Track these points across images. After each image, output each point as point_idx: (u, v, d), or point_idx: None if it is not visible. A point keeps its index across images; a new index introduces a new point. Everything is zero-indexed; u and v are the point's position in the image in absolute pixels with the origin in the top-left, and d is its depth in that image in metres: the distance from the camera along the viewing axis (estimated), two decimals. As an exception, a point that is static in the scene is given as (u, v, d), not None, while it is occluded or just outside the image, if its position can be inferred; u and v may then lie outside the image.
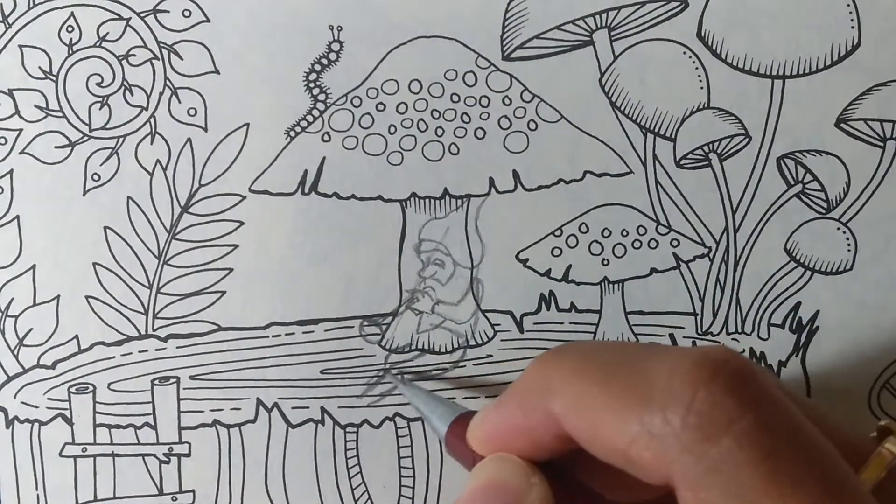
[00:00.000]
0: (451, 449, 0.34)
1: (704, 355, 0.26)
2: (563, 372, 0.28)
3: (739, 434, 0.24)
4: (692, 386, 0.25)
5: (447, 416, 0.34)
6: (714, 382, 0.25)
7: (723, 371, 0.25)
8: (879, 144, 0.39)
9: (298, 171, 0.39)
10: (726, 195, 0.39)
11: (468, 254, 0.39)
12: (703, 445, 0.25)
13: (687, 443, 0.25)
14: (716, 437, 0.24)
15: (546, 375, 0.29)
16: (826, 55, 0.39)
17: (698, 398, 0.25)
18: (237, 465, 0.39)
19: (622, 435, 0.26)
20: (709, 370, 0.25)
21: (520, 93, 0.39)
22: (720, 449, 0.24)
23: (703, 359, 0.26)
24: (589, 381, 0.27)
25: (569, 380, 0.28)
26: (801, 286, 0.40)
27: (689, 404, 0.25)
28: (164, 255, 0.39)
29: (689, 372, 0.26)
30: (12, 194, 0.39)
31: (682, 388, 0.25)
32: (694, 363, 0.26)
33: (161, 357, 0.39)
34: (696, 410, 0.25)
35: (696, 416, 0.25)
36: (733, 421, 0.25)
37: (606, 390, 0.27)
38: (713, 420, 0.25)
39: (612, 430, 0.26)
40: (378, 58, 0.39)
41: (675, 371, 0.26)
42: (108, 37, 0.39)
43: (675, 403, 0.25)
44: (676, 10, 0.39)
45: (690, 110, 0.39)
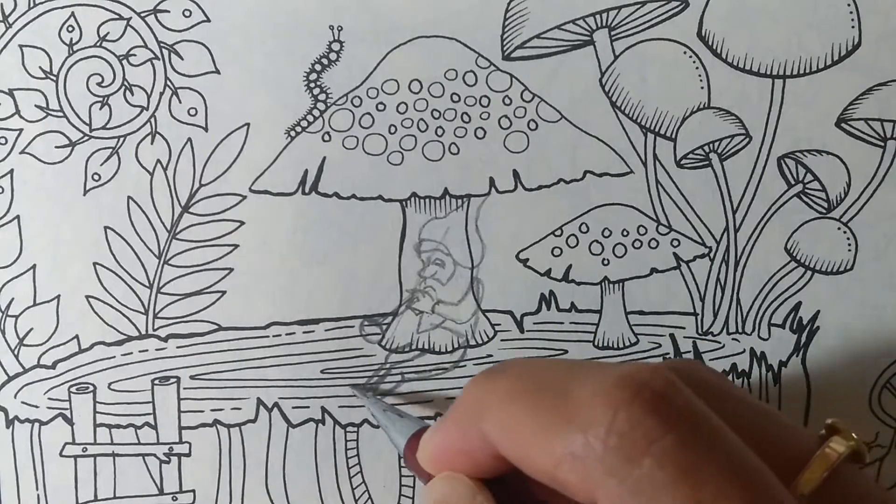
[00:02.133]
0: (408, 464, 0.34)
1: (625, 376, 0.26)
2: (495, 394, 0.28)
3: (659, 454, 0.24)
4: (612, 407, 0.25)
5: (406, 431, 0.34)
6: (634, 403, 0.25)
7: (643, 391, 0.25)
8: (880, 144, 0.39)
9: (299, 171, 0.39)
10: (727, 195, 0.39)
11: (468, 253, 0.39)
12: (625, 467, 0.24)
13: (609, 465, 0.24)
14: (637, 458, 0.24)
15: (479, 398, 0.29)
16: (827, 55, 0.39)
17: (618, 419, 0.25)
18: (237, 464, 0.39)
19: (548, 457, 0.26)
20: (630, 390, 0.25)
21: (520, 92, 0.39)
22: (641, 470, 0.24)
23: (624, 380, 0.25)
24: (517, 405, 0.27)
25: (499, 403, 0.28)
26: (802, 286, 0.40)
27: (610, 426, 0.25)
28: (165, 255, 0.39)
29: (608, 393, 0.25)
30: (12, 194, 0.39)
31: (602, 409, 0.25)
32: (614, 384, 0.25)
33: (161, 357, 0.39)
34: (617, 431, 0.25)
35: (616, 438, 0.25)
36: (653, 441, 0.24)
37: (533, 413, 0.27)
38: (633, 441, 0.24)
39: (539, 453, 0.26)
40: (378, 58, 0.39)
41: (596, 393, 0.26)
42: (109, 36, 0.39)
43: (596, 425, 0.25)
44: (677, 10, 0.39)
45: (691, 110, 0.39)
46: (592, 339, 0.40)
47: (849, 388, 0.40)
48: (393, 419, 0.36)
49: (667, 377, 0.26)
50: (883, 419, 0.40)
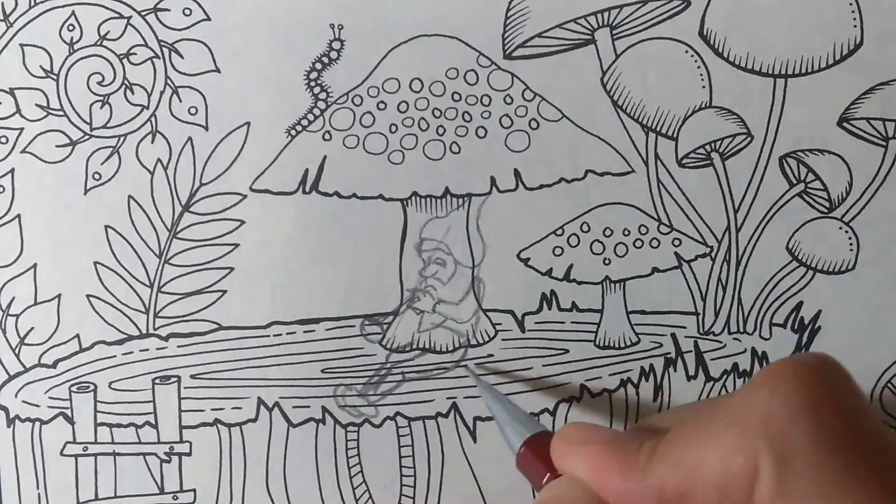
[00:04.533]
0: (522, 465, 0.34)
1: (787, 358, 0.27)
2: None
3: (825, 419, 0.25)
4: (776, 377, 0.26)
5: (522, 430, 0.34)
6: (798, 369, 0.26)
7: (805, 359, 0.26)
8: (882, 144, 0.39)
9: (299, 170, 0.39)
10: (728, 194, 0.39)
11: (469, 253, 0.39)
12: (790, 427, 0.25)
13: (771, 431, 0.25)
14: (801, 421, 0.25)
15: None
16: (828, 54, 0.39)
17: (779, 388, 0.25)
18: (238, 464, 0.39)
19: (716, 457, 0.26)
20: (789, 363, 0.26)
21: (521, 91, 0.39)
22: (804, 434, 0.25)
23: (786, 359, 0.26)
24: (676, 434, 0.28)
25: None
26: (804, 286, 0.39)
27: (774, 391, 0.25)
28: (165, 254, 0.39)
29: (769, 369, 0.26)
30: (13, 193, 0.39)
31: (765, 379, 0.26)
32: (776, 362, 0.26)
33: (162, 356, 0.39)
34: (783, 394, 0.25)
35: (781, 401, 0.25)
36: (819, 406, 0.25)
37: (694, 433, 0.27)
38: (799, 405, 0.25)
39: (707, 458, 0.26)
40: (379, 56, 0.39)
41: (758, 375, 0.26)
42: (109, 35, 0.39)
43: (760, 392, 0.26)
44: (678, 9, 0.39)
45: (692, 109, 0.39)
46: (594, 339, 0.40)
47: (850, 387, 0.40)
48: (510, 413, 0.35)
49: (824, 355, 0.27)
50: (884, 419, 0.40)
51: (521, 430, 0.34)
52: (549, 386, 0.39)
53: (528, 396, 0.39)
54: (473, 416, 0.39)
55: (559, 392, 0.40)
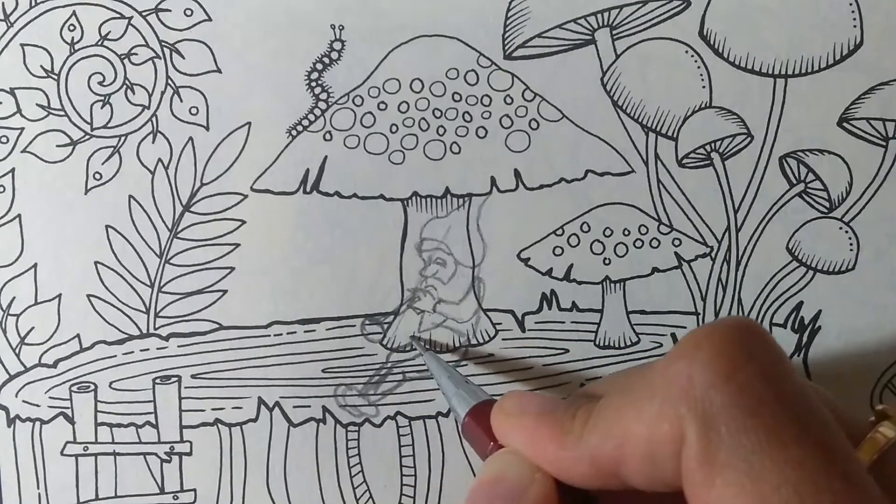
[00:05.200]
0: (466, 433, 0.34)
1: (706, 324, 0.27)
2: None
3: (742, 382, 0.25)
4: (695, 343, 0.26)
5: (468, 399, 0.34)
6: (717, 335, 0.26)
7: (724, 324, 0.26)
8: (882, 144, 0.39)
9: (300, 170, 0.39)
10: (728, 194, 0.39)
11: (470, 253, 0.39)
12: (710, 394, 0.25)
13: (693, 397, 0.25)
14: (720, 386, 0.25)
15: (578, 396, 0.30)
16: (828, 54, 0.39)
17: (702, 351, 0.25)
18: (238, 463, 0.39)
19: (641, 423, 0.26)
20: (708, 329, 0.26)
21: (521, 92, 0.39)
22: (724, 398, 0.25)
23: (705, 325, 0.27)
24: (608, 398, 0.28)
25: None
26: (804, 286, 0.39)
27: (693, 358, 0.26)
28: (166, 254, 0.39)
29: (689, 336, 0.26)
30: (14, 193, 0.39)
31: (683, 352, 0.26)
32: (697, 329, 0.27)
33: (162, 356, 0.39)
34: (700, 362, 0.25)
35: (700, 366, 0.25)
36: (737, 368, 0.25)
37: (621, 398, 0.28)
38: (717, 370, 0.25)
39: (634, 424, 0.26)
40: (380, 57, 0.39)
41: (679, 343, 0.27)
42: (110, 35, 0.39)
43: (680, 360, 0.26)
44: (678, 9, 0.39)
45: (692, 109, 0.39)
46: (594, 339, 0.40)
47: (850, 387, 0.40)
48: (455, 383, 0.35)
49: (744, 318, 0.26)
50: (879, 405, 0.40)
51: (466, 399, 0.34)
52: (549, 386, 0.39)
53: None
54: (474, 416, 0.39)
55: (559, 392, 0.40)
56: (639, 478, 0.27)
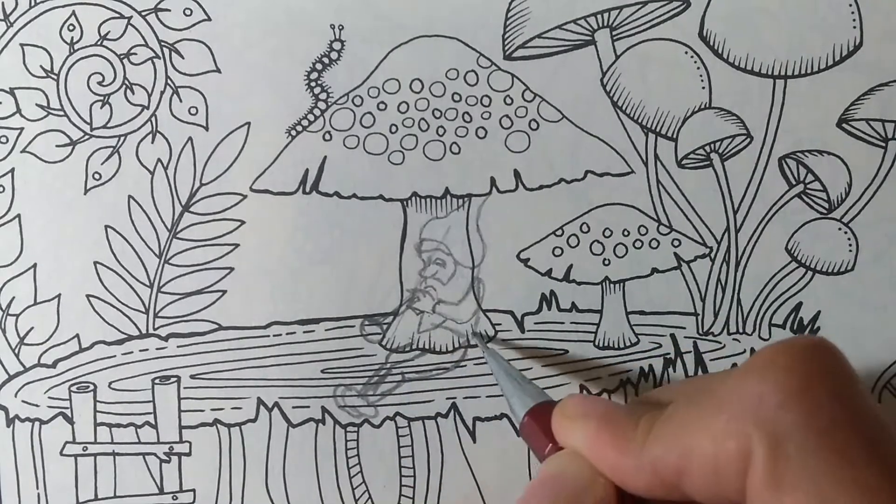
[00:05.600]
0: (525, 433, 0.34)
1: (780, 341, 0.26)
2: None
3: (816, 403, 0.24)
4: (768, 360, 0.26)
5: (527, 399, 0.34)
6: (790, 352, 0.25)
7: (798, 342, 0.26)
8: (881, 145, 0.39)
9: (299, 171, 0.39)
10: (728, 195, 0.39)
11: (469, 253, 0.39)
12: (777, 414, 0.25)
13: (761, 416, 0.25)
14: (791, 405, 0.25)
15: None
16: (828, 55, 0.39)
17: (770, 369, 0.25)
18: (238, 464, 0.39)
19: (708, 438, 0.26)
20: (781, 347, 0.26)
21: (521, 92, 0.39)
22: (794, 417, 0.24)
23: (779, 342, 0.26)
24: (676, 412, 0.28)
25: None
26: (803, 286, 0.39)
27: (762, 377, 0.25)
28: (165, 254, 0.39)
29: (761, 353, 0.26)
30: (13, 193, 0.39)
31: (757, 363, 0.26)
32: (770, 345, 0.26)
33: (162, 356, 0.39)
34: (773, 378, 0.25)
35: (772, 384, 0.25)
36: (809, 388, 0.25)
37: (688, 414, 0.27)
38: (788, 388, 0.25)
39: (700, 440, 0.26)
40: (379, 57, 0.39)
41: (751, 359, 0.26)
42: (110, 35, 0.39)
43: (751, 376, 0.25)
44: (678, 10, 0.39)
45: (692, 110, 0.39)
46: (593, 339, 0.40)
47: (849, 388, 0.40)
48: (517, 381, 0.35)
49: (818, 338, 0.27)
50: (883, 420, 0.40)
51: (525, 399, 0.34)
52: (549, 386, 0.39)
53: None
54: (473, 417, 0.39)
55: (559, 392, 0.39)
56: (701, 492, 0.27)
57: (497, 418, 0.39)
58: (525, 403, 0.34)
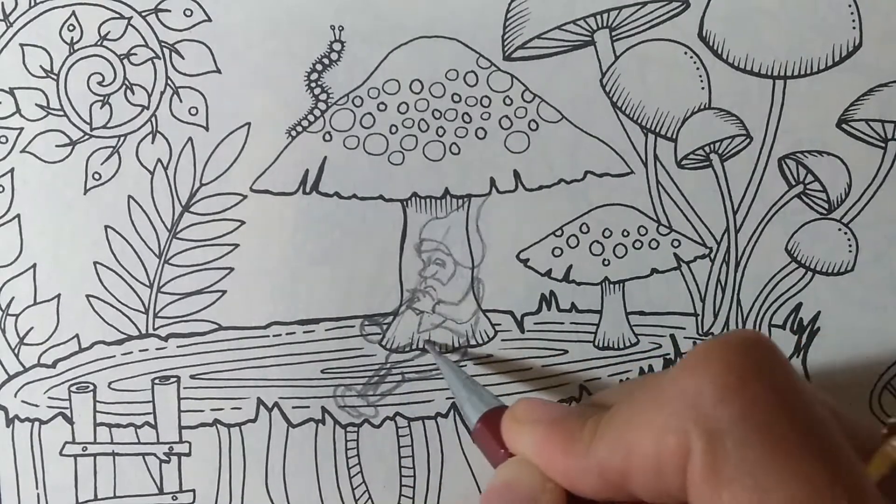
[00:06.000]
0: (477, 439, 0.34)
1: (716, 336, 0.26)
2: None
3: (752, 397, 0.25)
4: (704, 356, 0.26)
5: (480, 405, 0.34)
6: (726, 348, 0.26)
7: (733, 338, 0.26)
8: (881, 145, 0.39)
9: (299, 171, 0.39)
10: (727, 196, 0.39)
11: (469, 253, 0.39)
12: (718, 410, 0.25)
13: (701, 412, 0.25)
14: (728, 400, 0.25)
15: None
16: (827, 55, 0.39)
17: (712, 364, 0.25)
18: (237, 464, 0.39)
19: (649, 436, 0.26)
20: (717, 343, 0.26)
21: (521, 93, 0.39)
22: (731, 412, 0.25)
23: (715, 337, 0.27)
24: (618, 409, 0.28)
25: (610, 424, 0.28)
26: (803, 287, 0.40)
27: (702, 371, 0.25)
28: (165, 255, 0.39)
29: (697, 349, 0.26)
30: (13, 193, 0.39)
31: (694, 359, 0.26)
32: (706, 342, 0.26)
33: (161, 356, 0.39)
34: (710, 374, 0.25)
35: (709, 380, 0.25)
36: (746, 384, 0.25)
37: (630, 410, 0.27)
38: (725, 384, 0.25)
39: (641, 437, 0.26)
40: (379, 58, 0.39)
41: (688, 355, 0.26)
42: (110, 36, 0.39)
43: (688, 373, 0.26)
44: (678, 11, 0.39)
45: (691, 110, 0.39)
46: (593, 340, 0.40)
47: (849, 389, 0.40)
48: (469, 388, 0.35)
49: (753, 332, 0.27)
50: (883, 420, 0.40)
51: (478, 405, 0.34)
52: (549, 387, 0.39)
53: (527, 397, 0.39)
54: (473, 417, 0.39)
55: (558, 392, 0.40)
56: (645, 491, 0.27)
57: (497, 418, 0.39)
58: (478, 409, 0.34)
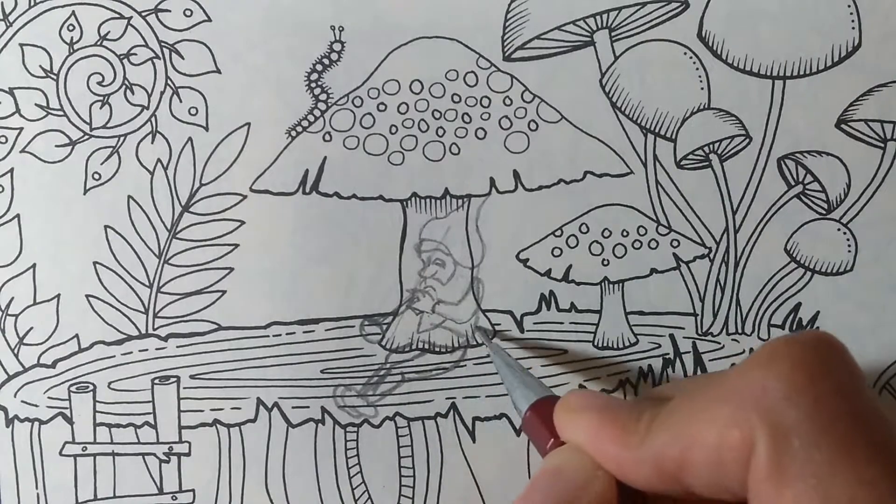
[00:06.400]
0: (527, 427, 0.34)
1: (785, 335, 0.27)
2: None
3: (819, 396, 0.25)
4: (772, 354, 0.26)
5: (530, 393, 0.34)
6: (795, 347, 0.26)
7: (803, 337, 0.26)
8: (880, 145, 0.39)
9: (299, 171, 0.39)
10: (727, 196, 0.39)
11: (469, 253, 0.39)
12: (783, 408, 0.25)
13: (767, 408, 0.25)
14: (795, 398, 0.25)
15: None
16: (827, 56, 0.39)
17: (777, 361, 0.25)
18: (237, 464, 0.39)
19: (712, 429, 0.26)
20: (787, 341, 0.26)
21: (520, 93, 0.39)
22: (798, 410, 0.24)
23: (784, 336, 0.26)
24: (678, 403, 0.28)
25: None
26: (802, 287, 0.40)
27: (769, 367, 0.25)
28: (165, 255, 0.39)
29: (767, 346, 0.26)
30: (13, 193, 0.39)
31: (762, 356, 0.26)
32: (775, 339, 0.26)
33: (161, 356, 0.39)
34: (777, 371, 0.25)
35: (776, 376, 0.25)
36: (813, 383, 0.25)
37: (692, 403, 0.27)
38: (793, 381, 0.25)
39: (704, 429, 0.26)
40: (379, 58, 0.39)
41: (756, 352, 0.26)
42: (109, 36, 0.39)
43: (756, 368, 0.25)
44: (677, 11, 0.39)
45: (691, 111, 0.39)
46: (592, 340, 0.40)
47: (848, 388, 0.40)
48: (520, 376, 0.35)
49: (823, 333, 0.26)
50: (882, 420, 0.40)
51: (528, 393, 0.34)
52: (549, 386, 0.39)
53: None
54: (472, 417, 0.39)
55: (558, 392, 0.39)
56: (703, 484, 0.27)
57: (496, 418, 0.39)
58: (528, 398, 0.34)
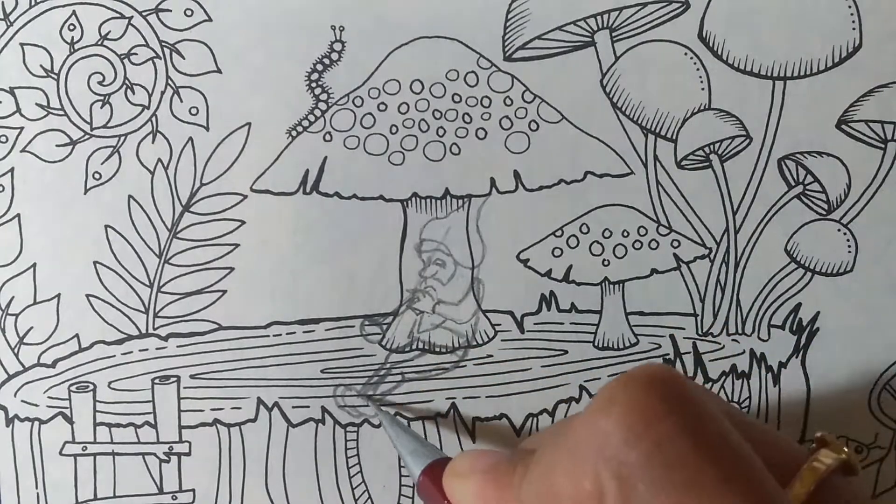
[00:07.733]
0: (422, 492, 0.34)
1: (623, 374, 0.26)
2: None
3: (658, 438, 0.24)
4: (609, 397, 0.25)
5: (423, 457, 0.35)
6: (630, 387, 0.25)
7: (638, 375, 0.25)
8: (880, 146, 0.39)
9: (300, 171, 0.39)
10: (727, 196, 0.39)
11: (469, 254, 0.39)
12: (623, 449, 0.24)
13: (608, 453, 0.24)
14: (633, 442, 0.24)
15: None
16: (827, 56, 0.39)
17: (616, 402, 0.25)
18: (237, 464, 0.39)
19: (567, 476, 0.26)
20: (621, 383, 0.25)
21: (521, 93, 0.39)
22: (638, 453, 0.24)
23: (622, 375, 0.26)
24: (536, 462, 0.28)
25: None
26: (802, 287, 0.40)
27: (608, 412, 0.25)
28: (165, 254, 0.39)
29: (604, 390, 0.26)
30: (13, 192, 0.39)
31: (601, 400, 0.25)
32: (613, 381, 0.26)
33: (161, 356, 0.39)
34: (615, 415, 0.25)
35: (614, 422, 0.25)
36: (652, 423, 0.24)
37: (543, 464, 0.27)
38: (630, 424, 0.24)
39: (562, 482, 0.26)
40: (380, 58, 0.39)
41: (596, 395, 0.26)
42: (110, 35, 0.39)
43: (596, 415, 0.25)
44: (678, 11, 0.39)
45: (691, 111, 0.39)
46: (592, 340, 0.40)
47: (848, 389, 0.40)
48: (409, 441, 0.36)
49: (670, 368, 0.26)
50: (882, 420, 0.40)
51: (420, 458, 0.35)
52: (548, 387, 0.40)
53: (526, 397, 0.40)
54: (472, 417, 0.39)
55: (558, 393, 0.40)
56: None
57: (496, 418, 0.39)
58: (420, 463, 0.35)
